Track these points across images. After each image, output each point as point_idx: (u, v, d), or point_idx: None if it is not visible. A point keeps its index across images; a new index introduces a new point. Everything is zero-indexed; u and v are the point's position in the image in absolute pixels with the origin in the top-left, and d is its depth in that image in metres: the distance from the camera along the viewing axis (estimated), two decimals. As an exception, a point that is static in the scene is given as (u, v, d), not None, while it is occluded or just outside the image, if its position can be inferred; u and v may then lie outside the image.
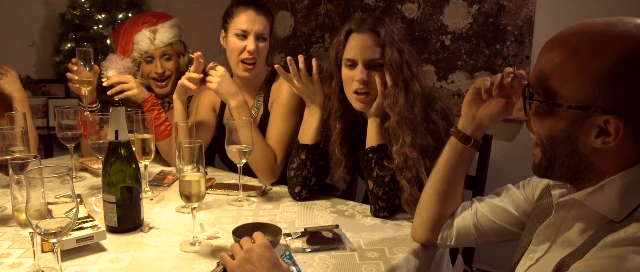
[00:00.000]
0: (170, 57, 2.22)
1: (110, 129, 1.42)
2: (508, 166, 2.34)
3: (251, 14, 1.89)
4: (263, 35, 1.91)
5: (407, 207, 1.54)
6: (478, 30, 2.55)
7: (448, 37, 2.66)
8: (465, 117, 1.26)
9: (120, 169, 1.43)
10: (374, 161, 1.57)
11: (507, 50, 2.48)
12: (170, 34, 2.22)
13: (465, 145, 1.26)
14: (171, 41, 2.21)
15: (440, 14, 2.67)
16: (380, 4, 2.87)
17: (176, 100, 1.94)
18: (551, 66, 0.86)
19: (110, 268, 1.25)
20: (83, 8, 3.40)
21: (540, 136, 0.92)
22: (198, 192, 1.31)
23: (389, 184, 1.56)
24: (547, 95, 0.87)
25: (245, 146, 1.64)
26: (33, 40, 3.63)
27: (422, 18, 2.72)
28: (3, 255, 1.31)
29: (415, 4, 2.75)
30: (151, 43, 2.18)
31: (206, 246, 1.37)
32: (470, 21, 2.57)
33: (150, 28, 2.19)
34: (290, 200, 1.76)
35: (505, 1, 2.44)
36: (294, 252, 1.31)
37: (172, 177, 1.96)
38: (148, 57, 2.21)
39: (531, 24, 2.39)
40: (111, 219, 1.43)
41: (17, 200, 1.15)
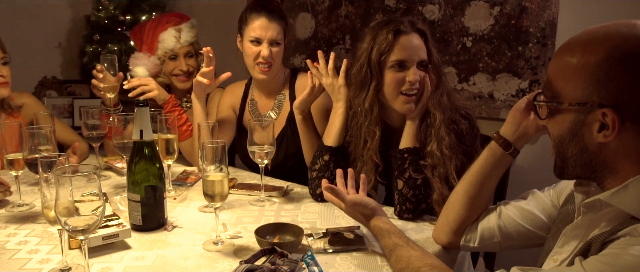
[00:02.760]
0: (192, 54, 2.32)
1: (135, 129, 1.44)
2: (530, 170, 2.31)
3: (264, 21, 1.93)
4: (276, 40, 1.94)
5: (437, 206, 1.54)
6: (500, 32, 2.53)
7: (469, 38, 2.64)
8: (511, 123, 1.26)
9: (144, 169, 1.45)
10: (409, 162, 1.57)
11: (529, 52, 2.45)
12: (193, 33, 2.32)
13: (505, 151, 1.26)
14: (193, 40, 2.31)
15: (462, 16, 2.65)
16: (401, 5, 2.86)
17: (195, 100, 1.97)
18: (554, 69, 0.94)
19: (135, 266, 1.27)
20: (108, 10, 3.45)
21: (553, 137, 0.98)
22: (221, 192, 1.33)
23: (420, 188, 1.56)
24: (552, 97, 0.94)
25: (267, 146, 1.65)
26: (59, 41, 3.70)
27: (443, 20, 2.70)
28: (32, 251, 1.35)
29: (436, 6, 2.74)
30: (177, 41, 2.27)
31: (229, 245, 1.38)
32: (491, 23, 2.55)
33: (175, 27, 2.28)
34: (311, 201, 1.77)
35: (528, 2, 2.42)
36: (315, 253, 1.32)
37: (195, 177, 1.98)
38: (173, 54, 2.28)
39: (554, 26, 2.36)
40: (136, 218, 1.46)
41: (46, 198, 1.17)
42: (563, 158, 0.96)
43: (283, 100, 2.06)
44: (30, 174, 1.68)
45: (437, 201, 1.53)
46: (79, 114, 3.52)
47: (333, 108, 1.74)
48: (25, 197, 1.71)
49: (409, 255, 1.20)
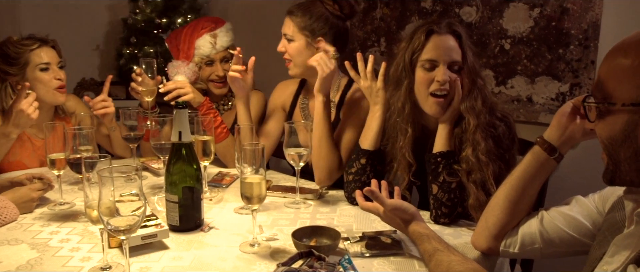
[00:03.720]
0: (228, 59, 2.29)
1: (173, 130, 1.46)
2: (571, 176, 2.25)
3: (286, 18, 1.97)
4: (287, 35, 1.95)
5: (473, 211, 1.51)
6: (539, 34, 2.47)
7: (507, 41, 2.59)
8: (556, 128, 1.23)
9: (182, 170, 1.46)
10: (442, 166, 1.55)
11: (570, 54, 2.39)
12: (228, 37, 2.30)
13: (550, 156, 1.23)
14: (229, 44, 2.29)
15: (500, 18, 2.60)
16: (438, 7, 2.83)
17: (237, 102, 1.98)
18: (606, 71, 0.93)
19: (172, 266, 1.28)
20: (144, 13, 3.52)
21: (603, 140, 0.95)
22: (259, 194, 1.32)
23: (455, 191, 1.53)
24: (604, 98, 0.93)
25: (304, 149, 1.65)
26: (97, 44, 3.79)
27: (480, 22, 2.66)
28: (74, 249, 1.37)
29: (473, 8, 2.69)
30: (213, 47, 2.26)
31: (265, 247, 1.38)
32: (531, 25, 2.50)
33: (210, 33, 2.27)
34: (346, 204, 1.76)
35: (569, 4, 2.36)
36: (352, 257, 1.30)
37: (230, 178, 1.99)
38: (209, 60, 2.28)
39: (597, 28, 2.30)
40: (173, 218, 1.47)
41: (89, 198, 1.19)
42: (615, 162, 0.94)
43: (332, 106, 2.03)
44: (71, 173, 1.71)
45: (474, 206, 1.50)
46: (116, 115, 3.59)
47: (370, 111, 1.72)
48: (66, 196, 1.75)
49: (449, 259, 1.17)
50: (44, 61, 2.05)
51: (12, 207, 1.54)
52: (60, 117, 2.20)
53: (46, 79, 2.06)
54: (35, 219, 1.58)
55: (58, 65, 2.10)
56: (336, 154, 1.85)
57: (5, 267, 1.26)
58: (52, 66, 2.07)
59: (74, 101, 2.27)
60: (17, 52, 2.03)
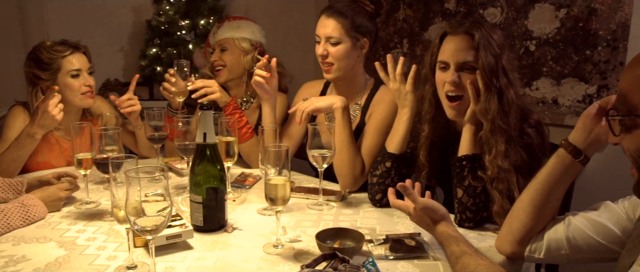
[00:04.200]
0: (226, 49, 2.32)
1: (198, 131, 1.47)
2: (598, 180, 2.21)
3: (322, 18, 1.94)
4: (332, 38, 1.91)
5: (498, 218, 1.49)
6: (566, 35, 2.43)
7: (533, 42, 2.56)
8: (581, 130, 1.20)
9: (206, 171, 1.47)
10: (467, 170, 1.53)
11: (598, 56, 2.35)
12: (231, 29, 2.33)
13: (575, 158, 1.20)
14: (228, 35, 2.32)
15: (525, 19, 2.57)
16: (461, 8, 2.81)
17: (263, 104, 1.99)
18: (629, 83, 0.92)
19: (197, 266, 1.29)
20: (168, 15, 3.55)
21: (631, 153, 0.93)
22: (283, 195, 1.33)
23: (480, 196, 1.51)
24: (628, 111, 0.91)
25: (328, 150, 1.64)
26: (122, 45, 3.83)
27: (505, 23, 2.63)
28: (100, 247, 1.39)
29: (498, 9, 2.66)
30: (213, 36, 2.35)
31: (289, 248, 1.38)
32: (557, 26, 2.46)
33: (219, 24, 2.38)
34: (369, 206, 1.75)
35: (597, 4, 2.32)
36: (376, 259, 1.29)
37: (253, 179, 2.00)
38: (211, 49, 2.37)
39: (626, 28, 2.25)
40: (197, 219, 1.48)
41: (115, 197, 1.21)
42: None
43: (357, 109, 2.03)
44: (97, 173, 1.74)
45: (498, 213, 1.48)
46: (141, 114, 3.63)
47: (398, 114, 1.71)
48: (92, 195, 1.77)
49: (476, 263, 1.16)
50: (75, 68, 2.08)
51: (40, 205, 1.57)
52: (87, 118, 2.24)
53: (76, 86, 2.09)
54: (62, 217, 1.61)
55: (88, 71, 2.14)
56: (359, 160, 1.84)
57: (34, 265, 1.28)
58: (82, 73, 2.10)
59: (100, 102, 2.31)
60: (50, 57, 2.06)
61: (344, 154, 1.81)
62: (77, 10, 3.54)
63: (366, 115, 1.98)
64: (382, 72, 1.73)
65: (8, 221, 1.47)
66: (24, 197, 1.57)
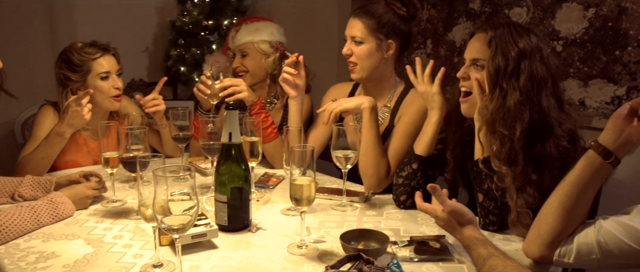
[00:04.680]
0: (246, 54, 2.33)
1: (223, 131, 1.47)
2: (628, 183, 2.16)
3: (350, 19, 1.95)
4: (356, 37, 1.92)
5: (514, 228, 1.47)
6: (594, 36, 2.39)
7: (560, 42, 2.51)
8: (612, 130, 1.17)
9: (231, 170, 1.48)
10: (485, 173, 1.51)
11: (628, 56, 2.30)
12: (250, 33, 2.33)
13: (605, 160, 1.17)
14: (247, 40, 2.32)
15: (552, 19, 2.53)
16: (486, 8, 2.77)
17: (290, 102, 2.00)
18: None
19: (222, 265, 1.30)
20: (192, 15, 3.58)
21: None
22: (308, 196, 1.33)
23: (502, 198, 1.49)
24: None
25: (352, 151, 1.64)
26: (146, 46, 3.88)
27: (531, 23, 2.58)
28: (127, 245, 1.41)
29: (524, 9, 2.63)
30: (232, 40, 2.36)
31: (313, 249, 1.38)
32: (585, 26, 2.41)
33: (236, 28, 2.36)
34: (393, 207, 1.74)
35: (628, 3, 2.26)
36: (401, 261, 1.29)
37: (276, 179, 2.00)
38: (233, 54, 2.37)
39: (658, 28, 2.20)
40: (222, 218, 1.49)
41: (142, 196, 1.22)
42: None
43: (386, 112, 2.01)
44: (122, 171, 1.76)
45: (513, 222, 1.46)
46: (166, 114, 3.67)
47: (428, 116, 1.69)
48: (118, 194, 1.80)
49: (504, 264, 1.15)
50: (104, 70, 2.11)
51: (68, 203, 1.60)
52: (114, 118, 2.27)
53: (105, 88, 2.12)
54: (89, 215, 1.63)
55: (117, 73, 2.17)
56: (385, 162, 1.83)
57: (64, 261, 1.30)
58: (111, 75, 2.13)
59: (126, 102, 2.33)
60: (81, 60, 2.09)
61: (369, 155, 1.81)
62: (103, 11, 3.60)
63: (395, 118, 1.97)
64: (412, 75, 1.72)
65: (38, 218, 1.50)
66: (53, 195, 1.60)
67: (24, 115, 2.65)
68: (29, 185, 1.73)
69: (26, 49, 3.18)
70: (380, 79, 2.00)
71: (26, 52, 3.17)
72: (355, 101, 1.83)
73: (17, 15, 3.13)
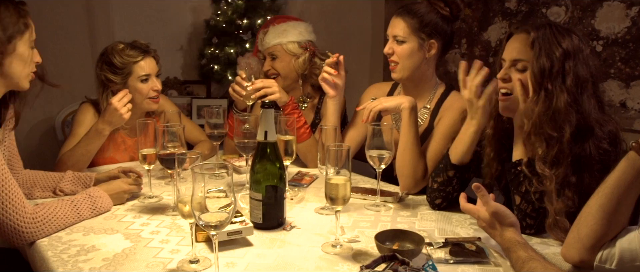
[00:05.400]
0: (276, 57, 2.32)
1: (259, 130, 1.49)
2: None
3: (392, 18, 1.93)
4: (398, 37, 1.90)
5: (551, 231, 1.44)
6: (637, 35, 2.32)
7: (600, 42, 2.45)
8: None
9: (267, 169, 1.49)
10: (523, 175, 1.48)
11: (671, 57, 2.23)
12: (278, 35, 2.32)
13: None
14: (276, 42, 2.31)
15: (592, 18, 2.47)
16: (523, 7, 2.72)
17: (328, 101, 2.00)
18: None
19: (257, 263, 1.30)
20: (226, 14, 3.62)
21: None
22: (344, 195, 1.33)
23: (540, 201, 1.46)
24: None
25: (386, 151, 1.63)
26: (181, 44, 3.94)
27: (570, 22, 2.53)
28: (164, 241, 1.43)
29: (562, 8, 2.57)
30: (260, 43, 2.35)
31: (347, 248, 1.38)
32: (627, 25, 2.35)
33: (264, 29, 2.36)
34: (427, 208, 1.72)
35: (673, 2, 2.20)
36: (436, 263, 1.27)
37: (310, 178, 2.01)
38: (263, 56, 2.37)
39: None
40: (256, 216, 1.50)
41: (180, 193, 1.24)
42: None
43: (425, 113, 2.00)
44: (158, 168, 1.79)
45: (550, 226, 1.43)
46: (197, 113, 3.73)
47: (466, 123, 1.64)
48: (154, 190, 1.83)
49: (544, 268, 1.13)
50: (145, 73, 2.15)
51: (106, 197, 1.64)
52: (150, 116, 2.31)
53: (145, 90, 2.16)
54: (127, 210, 1.67)
55: (156, 74, 2.21)
56: (422, 163, 1.82)
57: (103, 255, 1.34)
58: (151, 77, 2.17)
59: (163, 100, 2.37)
60: (123, 62, 2.13)
61: (407, 155, 1.80)
62: (140, 10, 3.67)
63: (435, 120, 1.95)
64: (463, 73, 1.63)
65: (78, 211, 1.54)
66: (91, 190, 1.64)
67: (64, 113, 2.72)
68: (69, 180, 1.78)
69: (66, 48, 3.26)
70: (421, 80, 1.98)
71: (66, 51, 3.26)
72: (395, 101, 1.82)
73: (56, 15, 3.21)
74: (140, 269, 1.27)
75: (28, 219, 1.41)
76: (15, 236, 1.41)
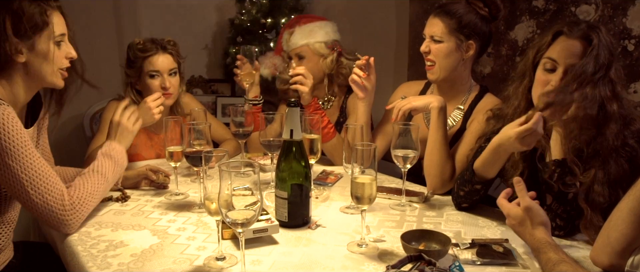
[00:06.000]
0: (303, 57, 2.32)
1: (285, 128, 1.49)
2: None
3: (430, 18, 1.93)
4: (435, 36, 1.89)
5: (585, 231, 1.41)
6: (670, 34, 2.27)
7: (631, 41, 2.39)
8: None
9: (292, 167, 1.49)
10: (557, 175, 1.46)
11: None
12: (305, 36, 2.31)
13: None
14: (303, 43, 2.30)
15: (623, 16, 2.41)
16: (551, 6, 2.67)
17: (359, 103, 2.00)
18: None
19: (282, 261, 1.31)
20: (250, 13, 3.64)
21: None
22: (370, 194, 1.32)
23: (572, 203, 1.44)
24: None
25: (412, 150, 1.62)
26: (206, 43, 3.97)
27: (600, 21, 2.47)
28: (190, 238, 1.45)
29: (592, 6, 2.51)
30: (286, 43, 2.35)
31: (373, 248, 1.37)
32: (660, 24, 2.29)
33: (289, 30, 2.35)
34: (453, 209, 1.71)
35: None
36: (463, 264, 1.26)
37: (334, 177, 2.01)
38: (288, 56, 2.37)
39: None
40: (282, 214, 1.50)
41: (207, 190, 1.25)
42: None
43: (459, 114, 1.98)
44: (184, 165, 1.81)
45: (586, 227, 1.40)
46: (221, 111, 3.76)
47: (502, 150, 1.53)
48: (180, 187, 1.85)
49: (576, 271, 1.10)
50: (154, 68, 2.15)
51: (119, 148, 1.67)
52: (175, 113, 2.32)
53: (152, 86, 2.16)
54: (154, 207, 1.69)
55: (169, 72, 2.18)
56: (450, 164, 1.80)
57: (132, 250, 1.36)
58: (161, 74, 2.16)
59: (188, 99, 2.39)
60: (135, 57, 2.16)
61: (435, 155, 1.78)
62: (165, 9, 3.72)
63: (468, 121, 1.93)
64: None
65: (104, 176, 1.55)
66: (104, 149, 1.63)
67: (92, 110, 2.77)
68: (98, 177, 1.80)
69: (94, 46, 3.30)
70: (457, 81, 1.96)
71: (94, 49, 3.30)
72: (425, 100, 1.81)
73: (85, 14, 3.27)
74: (168, 265, 1.28)
75: (67, 207, 1.43)
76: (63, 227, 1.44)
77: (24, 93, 1.51)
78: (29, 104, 1.59)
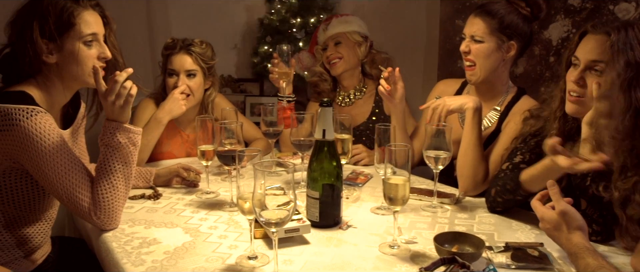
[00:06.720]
0: (340, 42, 2.42)
1: (318, 128, 1.49)
2: None
3: (470, 17, 1.91)
4: (476, 36, 1.86)
5: (622, 239, 1.36)
6: None
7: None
8: None
9: (324, 167, 1.49)
10: (591, 179, 1.42)
11: None
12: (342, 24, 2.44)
13: None
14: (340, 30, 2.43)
15: (664, 15, 2.35)
16: (587, 4, 2.61)
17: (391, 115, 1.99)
18: None
19: (314, 261, 1.31)
20: (279, 13, 3.65)
21: None
22: (403, 195, 1.31)
23: (607, 207, 1.40)
24: None
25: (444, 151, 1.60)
26: (235, 43, 4.00)
27: (639, 20, 2.42)
28: (222, 236, 1.46)
29: (631, 4, 2.45)
30: (323, 32, 2.45)
31: (405, 250, 1.36)
32: (702, 23, 2.22)
33: (325, 23, 2.49)
34: (485, 211, 1.68)
35: None
36: (497, 267, 1.24)
37: (365, 177, 2.00)
38: (324, 46, 2.46)
39: None
40: (313, 214, 1.50)
41: (241, 189, 1.25)
42: None
43: (495, 115, 1.95)
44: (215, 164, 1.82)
45: (621, 235, 1.35)
46: (250, 110, 3.78)
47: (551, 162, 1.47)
48: (211, 186, 1.86)
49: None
50: (171, 67, 2.19)
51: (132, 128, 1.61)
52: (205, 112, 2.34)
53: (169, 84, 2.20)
54: (186, 205, 1.71)
55: (188, 73, 2.18)
56: (483, 166, 1.77)
57: (165, 248, 1.37)
58: (178, 75, 2.18)
59: (219, 99, 2.41)
60: (162, 54, 2.24)
61: (468, 156, 1.76)
62: (196, 9, 3.76)
63: (503, 123, 1.90)
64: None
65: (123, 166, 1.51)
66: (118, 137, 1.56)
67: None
68: (131, 175, 1.83)
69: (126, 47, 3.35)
70: (496, 82, 1.93)
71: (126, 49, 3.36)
72: (460, 101, 1.78)
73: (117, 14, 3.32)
74: (200, 263, 1.29)
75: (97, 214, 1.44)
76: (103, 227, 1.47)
77: (62, 94, 1.53)
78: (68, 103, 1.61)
